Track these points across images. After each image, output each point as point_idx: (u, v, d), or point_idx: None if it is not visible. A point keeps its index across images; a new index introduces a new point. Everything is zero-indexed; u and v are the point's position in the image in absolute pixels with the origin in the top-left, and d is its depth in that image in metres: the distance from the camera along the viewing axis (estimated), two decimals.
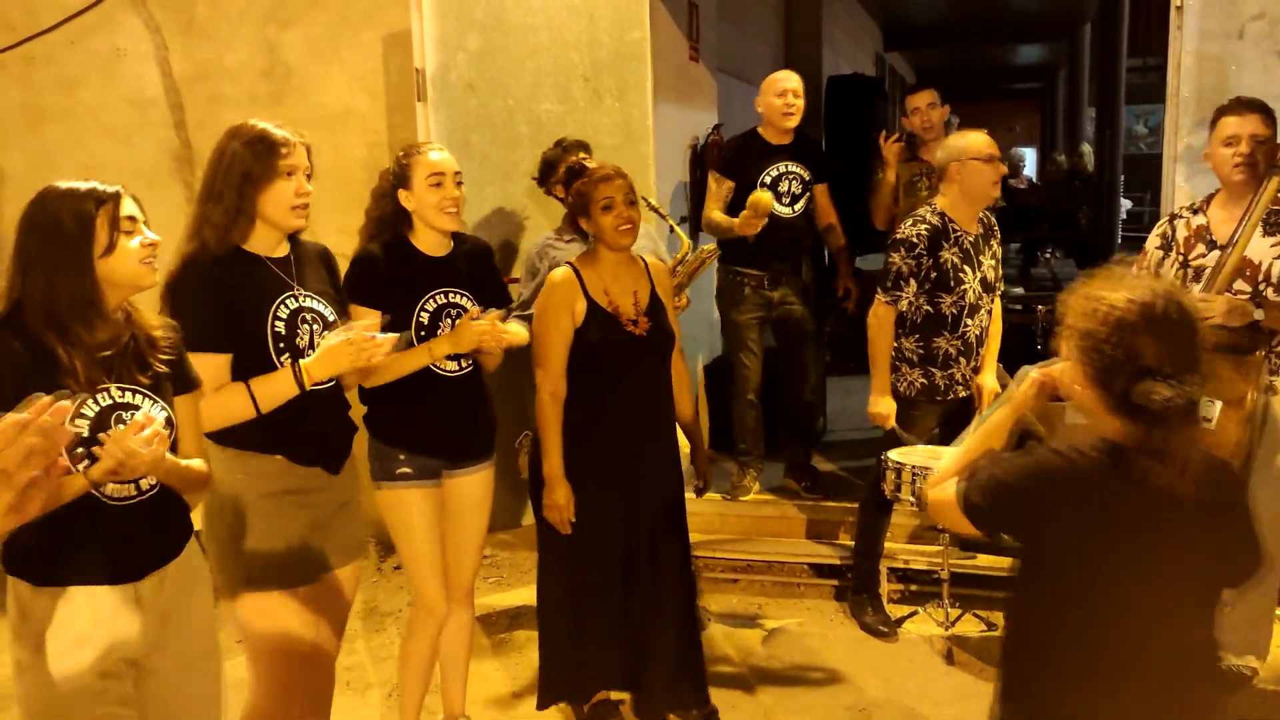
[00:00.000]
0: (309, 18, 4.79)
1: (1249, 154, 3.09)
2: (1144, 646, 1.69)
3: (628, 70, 4.23)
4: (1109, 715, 1.69)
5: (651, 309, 3.03)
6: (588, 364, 2.96)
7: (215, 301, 2.31)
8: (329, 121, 4.77)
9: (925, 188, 4.59)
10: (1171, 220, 3.34)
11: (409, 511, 2.85)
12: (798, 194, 4.52)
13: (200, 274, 2.32)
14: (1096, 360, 1.65)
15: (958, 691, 3.47)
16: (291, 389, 2.34)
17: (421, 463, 2.84)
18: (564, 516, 2.95)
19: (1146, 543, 1.66)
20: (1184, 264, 3.25)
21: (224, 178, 2.34)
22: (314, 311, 2.45)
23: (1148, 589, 1.67)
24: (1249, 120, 3.11)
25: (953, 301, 3.64)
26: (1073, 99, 15.71)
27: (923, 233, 3.55)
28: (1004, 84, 21.44)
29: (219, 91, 4.89)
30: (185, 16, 4.89)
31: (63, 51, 5.00)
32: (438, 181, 2.80)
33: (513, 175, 4.27)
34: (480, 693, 3.53)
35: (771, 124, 4.50)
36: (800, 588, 4.29)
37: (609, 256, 2.99)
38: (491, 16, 4.17)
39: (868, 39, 12.75)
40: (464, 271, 2.89)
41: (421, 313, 2.80)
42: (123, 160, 4.96)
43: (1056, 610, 1.73)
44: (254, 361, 2.34)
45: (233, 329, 2.33)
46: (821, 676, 3.61)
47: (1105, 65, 12.11)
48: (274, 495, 2.40)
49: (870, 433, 5.90)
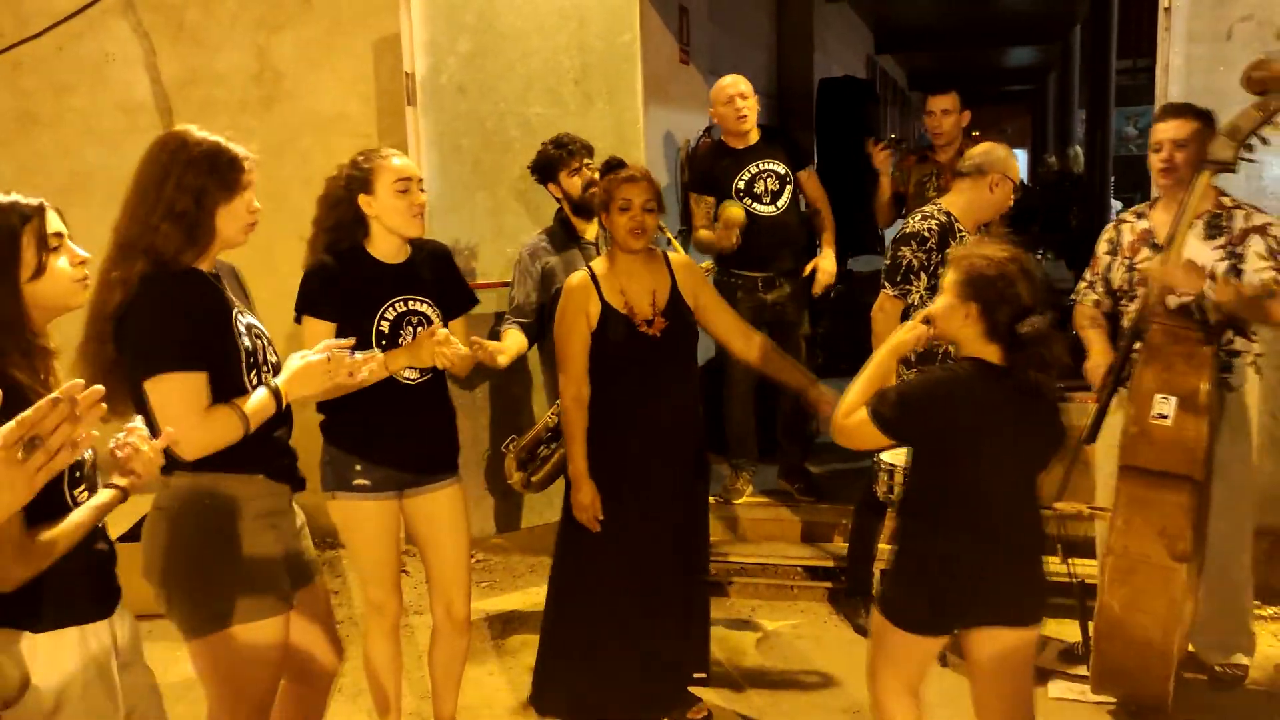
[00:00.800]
0: (300, 22, 4.78)
1: (1168, 158, 3.17)
2: (997, 503, 2.32)
3: (618, 73, 4.23)
4: (967, 551, 2.32)
5: (671, 308, 3.03)
6: (605, 366, 2.98)
7: (189, 317, 2.17)
8: (320, 126, 4.77)
9: (934, 188, 4.57)
10: (1117, 225, 3.42)
11: (364, 525, 2.78)
12: (776, 190, 4.48)
13: (167, 289, 2.15)
14: (989, 300, 2.25)
15: (951, 692, 3.46)
16: (271, 409, 2.22)
17: (380, 474, 2.75)
18: (592, 515, 2.97)
19: (1009, 429, 2.29)
20: (1130, 268, 3.31)
21: (176, 188, 2.17)
22: (256, 327, 2.35)
23: (1004, 461, 2.31)
24: (1169, 125, 3.19)
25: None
26: (1063, 101, 15.77)
27: (933, 228, 3.55)
28: (995, 86, 21.50)
29: (210, 96, 4.88)
30: (175, 21, 4.88)
31: (52, 57, 4.98)
32: (404, 188, 2.71)
33: (503, 179, 4.27)
34: (473, 698, 3.52)
35: (729, 131, 4.50)
36: (794, 590, 4.28)
37: (624, 256, 3.01)
38: (482, 20, 4.17)
39: (859, 42, 12.77)
40: (425, 277, 2.81)
41: (381, 321, 2.71)
42: (112, 166, 4.93)
43: (941, 480, 2.35)
44: (228, 381, 2.20)
45: (209, 347, 2.19)
46: (815, 679, 3.61)
47: (1095, 67, 12.15)
48: (255, 518, 2.28)
49: None
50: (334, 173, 2.79)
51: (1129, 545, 2.95)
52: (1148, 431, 2.96)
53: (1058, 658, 3.60)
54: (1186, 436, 2.93)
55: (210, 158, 2.21)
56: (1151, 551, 2.91)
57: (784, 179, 4.49)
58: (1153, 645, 2.91)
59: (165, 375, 2.11)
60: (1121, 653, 2.96)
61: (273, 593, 2.30)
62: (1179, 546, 2.89)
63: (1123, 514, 2.98)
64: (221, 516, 2.25)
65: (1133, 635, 2.92)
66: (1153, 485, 2.95)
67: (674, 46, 5.42)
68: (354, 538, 2.84)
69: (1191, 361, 2.97)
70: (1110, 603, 2.95)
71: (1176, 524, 2.91)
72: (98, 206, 2.10)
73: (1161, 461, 2.94)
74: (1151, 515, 2.93)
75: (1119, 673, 3.01)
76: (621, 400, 2.99)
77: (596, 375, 2.99)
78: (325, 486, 2.77)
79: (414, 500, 2.83)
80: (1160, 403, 2.96)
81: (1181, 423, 2.93)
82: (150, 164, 2.22)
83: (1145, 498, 2.96)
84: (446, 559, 2.90)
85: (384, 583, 2.85)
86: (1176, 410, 2.94)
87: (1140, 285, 3.23)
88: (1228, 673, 3.40)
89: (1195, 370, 2.96)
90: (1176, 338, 3.02)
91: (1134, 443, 2.99)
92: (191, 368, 2.13)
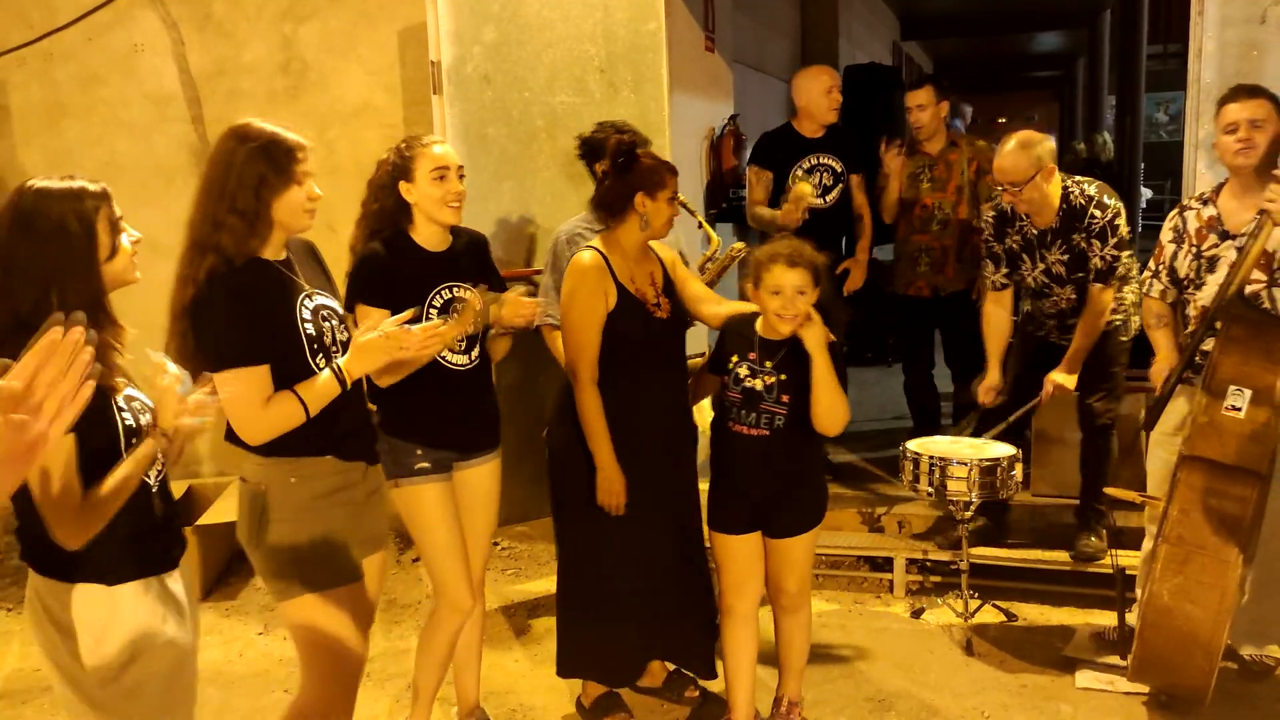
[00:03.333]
0: (326, 12, 4.80)
1: (1248, 139, 3.08)
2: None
3: (643, 62, 4.23)
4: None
5: (669, 289, 3.07)
6: (619, 349, 2.96)
7: (251, 313, 2.24)
8: (346, 116, 4.79)
9: (927, 179, 4.64)
10: (1182, 212, 3.33)
11: (429, 507, 2.85)
12: (829, 185, 4.62)
13: (230, 286, 2.23)
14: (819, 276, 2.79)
15: (978, 682, 3.46)
16: (334, 390, 2.30)
17: (436, 456, 2.85)
18: (619, 501, 2.97)
19: None
20: (1197, 255, 3.23)
21: (238, 183, 2.24)
22: (327, 307, 2.42)
23: None
24: (1247, 106, 3.09)
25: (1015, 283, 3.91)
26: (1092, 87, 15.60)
27: (989, 218, 3.88)
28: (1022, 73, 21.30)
29: (236, 87, 4.91)
30: (203, 12, 4.91)
31: (81, 48, 5.03)
32: (441, 175, 2.77)
33: (529, 167, 4.27)
34: (498, 683, 3.55)
35: (813, 117, 4.60)
36: (818, 579, 4.28)
37: (634, 240, 3.01)
38: (507, 9, 4.17)
39: (884, 28, 12.68)
40: (466, 265, 2.89)
41: (430, 308, 2.79)
42: (141, 156, 4.99)
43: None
44: (293, 367, 2.29)
45: (271, 337, 2.27)
46: (841, 668, 3.60)
47: (1125, 52, 12.02)
48: (325, 495, 2.39)
49: (888, 424, 5.91)
50: (384, 156, 2.86)
51: (1185, 535, 2.91)
52: (1218, 423, 2.92)
53: (1086, 647, 3.58)
54: (1258, 431, 2.88)
55: (266, 149, 2.26)
56: (1208, 543, 2.88)
57: (839, 176, 4.63)
58: (1199, 638, 2.88)
59: (229, 371, 2.21)
60: (1165, 642, 2.93)
61: (347, 562, 2.43)
62: (1236, 540, 2.86)
63: (1180, 503, 2.94)
64: (295, 496, 2.36)
65: (1179, 625, 2.89)
66: (1217, 477, 2.91)
67: (699, 34, 5.40)
68: (421, 521, 2.88)
69: (1270, 357, 2.92)
70: (1160, 591, 2.91)
71: (1238, 518, 2.87)
72: (127, 197, 2.13)
73: (1229, 454, 2.89)
74: (1212, 507, 2.89)
75: (1160, 662, 2.98)
76: (637, 382, 3.00)
77: (609, 358, 2.97)
78: (388, 475, 2.79)
79: (459, 474, 2.93)
80: (1234, 395, 2.91)
81: (1254, 416, 2.89)
82: (214, 161, 2.29)
83: (1208, 489, 2.91)
84: (477, 528, 2.99)
85: (456, 571, 2.88)
86: (1250, 404, 2.90)
87: (1208, 274, 3.18)
88: (1259, 663, 3.37)
89: (1273, 366, 2.91)
90: (1259, 332, 2.97)
91: (1202, 433, 2.94)
92: (253, 362, 2.22)
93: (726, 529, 2.98)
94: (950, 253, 4.60)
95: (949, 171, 4.62)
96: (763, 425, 2.87)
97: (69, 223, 1.90)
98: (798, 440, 2.87)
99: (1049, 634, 3.76)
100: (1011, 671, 3.51)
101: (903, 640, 3.79)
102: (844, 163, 4.62)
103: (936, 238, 4.62)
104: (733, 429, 2.91)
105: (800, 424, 2.84)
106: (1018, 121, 28.87)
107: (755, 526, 2.96)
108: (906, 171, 4.68)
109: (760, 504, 2.94)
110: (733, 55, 5.86)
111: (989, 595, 3.93)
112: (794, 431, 2.85)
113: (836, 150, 4.63)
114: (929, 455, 3.61)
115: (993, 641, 3.71)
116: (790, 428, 2.85)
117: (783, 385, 2.85)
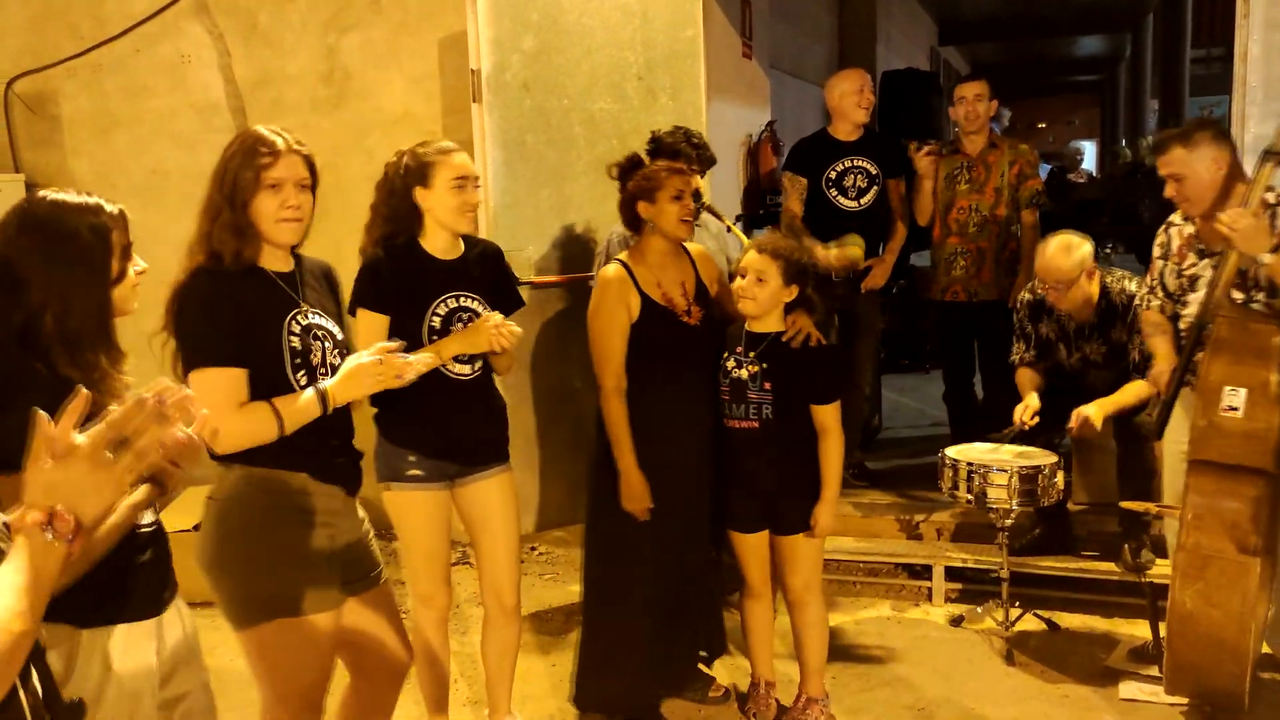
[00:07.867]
0: (368, 23, 4.86)
1: (1174, 194, 3.13)
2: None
3: (681, 68, 4.25)
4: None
5: (700, 297, 3.07)
6: (647, 359, 2.99)
7: (229, 313, 2.19)
8: (387, 124, 4.84)
9: (965, 180, 4.61)
10: (1167, 229, 3.38)
11: (417, 515, 2.84)
12: (863, 188, 4.58)
13: (212, 285, 2.19)
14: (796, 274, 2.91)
15: (1018, 692, 3.43)
16: (315, 411, 2.22)
17: (432, 465, 2.80)
18: (643, 506, 3.00)
19: None
20: (1179, 274, 3.29)
21: (219, 185, 2.21)
22: (323, 329, 2.34)
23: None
24: (1161, 163, 3.15)
25: (1047, 368, 3.98)
26: (1135, 91, 15.42)
27: (1024, 300, 4.01)
28: (1062, 77, 21.11)
29: (281, 97, 4.98)
30: (248, 24, 4.99)
31: (130, 59, 5.12)
32: (461, 185, 2.75)
33: (568, 175, 4.30)
34: (536, 688, 3.56)
35: (844, 116, 4.57)
36: (856, 586, 4.26)
37: (659, 247, 3.03)
38: (546, 17, 4.21)
39: (922, 33, 12.62)
40: (476, 275, 2.85)
41: (433, 317, 2.75)
42: (187, 166, 5.07)
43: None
44: (270, 377, 2.21)
45: (250, 343, 2.20)
46: (880, 675, 3.59)
47: (1169, 56, 11.88)
48: (304, 514, 2.29)
49: (925, 430, 5.87)
50: (394, 159, 2.82)
51: (1200, 540, 2.90)
52: (1217, 424, 2.93)
53: (1129, 658, 3.54)
54: (1258, 428, 2.89)
55: (246, 152, 2.21)
56: (1224, 546, 2.87)
57: (874, 179, 4.59)
58: (1225, 642, 2.86)
59: (203, 369, 2.15)
60: (1192, 649, 2.91)
61: (319, 589, 2.29)
62: (1252, 540, 2.85)
63: (1193, 509, 2.94)
64: (270, 510, 2.26)
65: (1205, 631, 2.87)
66: (1224, 479, 2.91)
67: (736, 41, 5.41)
68: (406, 527, 2.89)
69: (1261, 353, 2.94)
70: (1182, 599, 2.90)
71: (1249, 517, 2.87)
72: (173, 206, 2.17)
73: (1233, 454, 2.90)
74: (1223, 509, 2.89)
75: (1191, 670, 2.96)
76: (666, 391, 3.02)
77: (637, 368, 3.00)
78: (379, 478, 2.82)
79: (465, 489, 2.89)
80: (1230, 395, 2.93)
81: (1252, 414, 2.91)
82: (216, 167, 2.27)
83: (1217, 491, 2.92)
84: (498, 546, 2.94)
85: (434, 574, 2.90)
86: (1246, 402, 2.90)
87: (1190, 292, 3.22)
88: None
89: (1265, 362, 2.92)
90: (1245, 330, 2.99)
91: (1203, 436, 2.95)
92: (224, 363, 2.16)
93: (737, 526, 3.09)
94: (988, 255, 4.57)
95: (988, 173, 4.59)
96: (751, 416, 2.97)
97: (83, 235, 1.81)
98: (789, 431, 2.96)
99: (1091, 643, 3.72)
100: (1053, 681, 3.48)
101: (942, 648, 3.76)
102: (879, 166, 4.60)
103: (973, 240, 4.59)
104: (728, 425, 3.03)
105: (789, 415, 2.95)
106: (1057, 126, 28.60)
107: (764, 522, 3.06)
108: (943, 173, 4.65)
109: (765, 499, 3.03)
110: (770, 61, 5.87)
111: (1030, 604, 3.89)
112: (783, 422, 2.95)
113: (871, 154, 4.60)
114: (968, 462, 3.58)
115: (1034, 651, 3.67)
116: (779, 418, 2.95)
117: (765, 374, 2.94)
